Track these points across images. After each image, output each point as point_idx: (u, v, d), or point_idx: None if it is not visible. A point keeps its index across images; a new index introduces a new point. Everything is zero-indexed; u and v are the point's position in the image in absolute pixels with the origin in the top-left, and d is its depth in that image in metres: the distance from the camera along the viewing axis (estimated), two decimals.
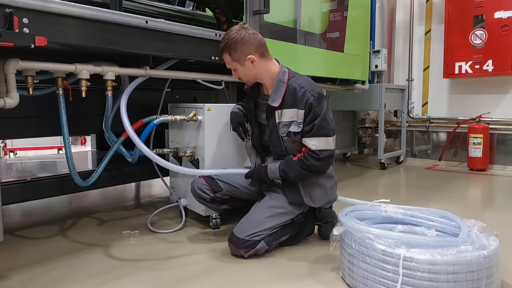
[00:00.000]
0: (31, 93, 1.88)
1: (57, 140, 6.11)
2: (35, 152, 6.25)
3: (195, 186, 2.25)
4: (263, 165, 2.11)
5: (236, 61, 2.03)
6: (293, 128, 2.00)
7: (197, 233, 2.40)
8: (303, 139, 2.00)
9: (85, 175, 2.32)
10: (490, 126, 4.62)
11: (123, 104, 2.13)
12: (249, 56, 2.01)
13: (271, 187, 2.16)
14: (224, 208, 2.33)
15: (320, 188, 2.09)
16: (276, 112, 2.04)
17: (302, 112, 1.98)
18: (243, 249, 1.96)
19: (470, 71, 4.69)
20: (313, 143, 1.96)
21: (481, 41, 4.59)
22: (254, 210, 2.09)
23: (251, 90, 2.24)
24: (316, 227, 2.29)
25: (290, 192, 2.07)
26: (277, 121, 2.05)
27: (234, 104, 2.42)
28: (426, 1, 5.23)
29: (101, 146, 3.66)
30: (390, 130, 5.46)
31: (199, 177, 2.26)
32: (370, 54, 4.24)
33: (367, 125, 5.47)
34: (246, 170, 2.14)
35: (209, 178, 2.23)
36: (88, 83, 2.05)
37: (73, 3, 1.78)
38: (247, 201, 2.29)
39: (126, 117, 2.11)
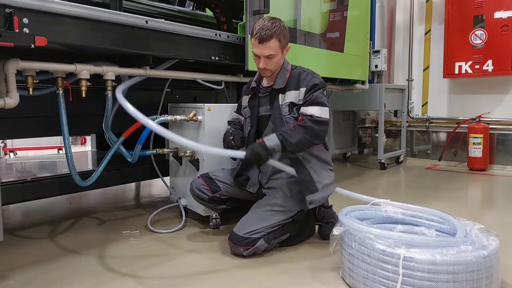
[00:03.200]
0: (31, 93, 1.88)
1: (57, 140, 6.11)
2: (35, 152, 6.26)
3: (193, 186, 2.27)
4: (257, 140, 2.02)
5: (281, 47, 2.06)
6: (295, 101, 2.09)
7: (197, 233, 2.40)
8: (302, 108, 2.06)
9: (85, 175, 2.32)
10: (490, 126, 4.62)
11: (120, 97, 1.98)
12: (289, 45, 2.12)
13: (270, 187, 2.16)
14: (222, 208, 2.34)
15: (324, 169, 2.15)
16: (280, 95, 2.12)
17: (304, 89, 2.08)
18: (242, 247, 1.96)
19: (470, 71, 4.68)
20: (311, 110, 2.03)
21: (481, 41, 4.59)
22: (253, 209, 2.11)
23: (255, 89, 2.24)
24: (317, 227, 2.29)
25: (299, 167, 2.03)
26: (280, 103, 2.12)
27: (234, 105, 2.40)
28: (426, 1, 5.23)
29: (101, 146, 3.66)
30: (390, 130, 5.45)
31: (198, 177, 2.29)
32: (370, 54, 4.24)
33: (367, 125, 5.47)
34: (243, 153, 1.98)
35: (207, 178, 2.26)
36: (88, 83, 2.05)
37: (73, 3, 1.79)
38: (245, 201, 2.30)
39: (129, 104, 1.94)
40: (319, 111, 2.02)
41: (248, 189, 2.21)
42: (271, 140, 1.96)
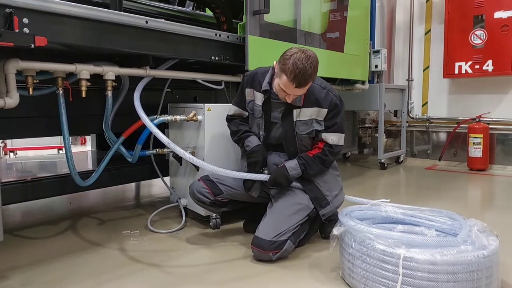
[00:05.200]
0: (31, 93, 1.88)
1: (57, 140, 6.11)
2: (35, 152, 6.26)
3: (194, 190, 2.22)
4: (280, 166, 2.08)
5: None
6: (317, 127, 2.09)
7: (197, 233, 2.40)
8: (323, 133, 2.09)
9: (85, 175, 2.32)
10: (490, 126, 4.62)
11: (136, 98, 2.18)
12: None
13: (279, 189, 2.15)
14: (223, 211, 2.32)
15: (332, 176, 2.19)
16: (294, 111, 2.08)
17: (325, 110, 2.07)
18: (271, 251, 1.91)
19: (470, 71, 4.68)
20: (332, 138, 2.09)
21: (481, 41, 4.59)
22: (274, 211, 2.06)
23: (267, 92, 2.13)
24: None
25: (308, 186, 2.12)
26: (294, 119, 2.09)
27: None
28: (426, 1, 5.23)
29: (101, 146, 3.66)
30: (390, 130, 5.45)
31: (198, 180, 2.26)
32: (370, 54, 4.24)
33: (367, 125, 5.47)
34: (266, 176, 2.08)
35: (208, 181, 2.22)
36: (88, 83, 2.05)
37: (73, 3, 1.79)
38: (247, 203, 2.29)
39: (142, 112, 2.13)
40: (337, 139, 2.11)
41: (251, 193, 2.18)
42: (293, 169, 2.06)
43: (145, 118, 2.12)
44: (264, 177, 2.08)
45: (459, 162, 4.93)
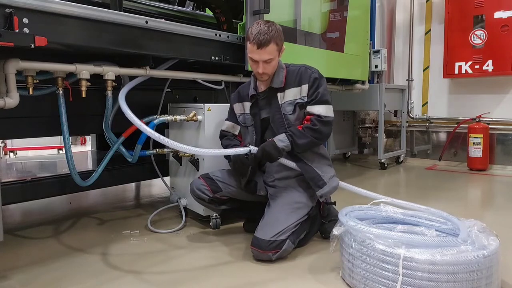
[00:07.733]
0: (31, 93, 1.88)
1: (57, 140, 6.11)
2: (35, 152, 6.26)
3: (194, 187, 2.25)
4: (268, 140, 2.07)
5: (278, 50, 2.05)
6: (299, 101, 2.10)
7: (197, 233, 2.40)
8: (308, 107, 2.09)
9: (85, 175, 2.32)
10: (490, 126, 4.62)
11: (122, 100, 2.09)
12: (284, 47, 2.10)
13: (279, 186, 2.17)
14: (222, 209, 2.33)
15: (324, 164, 2.18)
16: (278, 94, 2.12)
17: (306, 86, 2.09)
18: (271, 251, 1.91)
19: (470, 71, 4.69)
20: (318, 109, 2.07)
21: (481, 41, 4.59)
22: (272, 211, 2.07)
23: (254, 96, 2.19)
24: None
25: (304, 167, 2.11)
26: (280, 102, 2.12)
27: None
28: (426, 1, 5.23)
29: (101, 146, 3.66)
30: (390, 130, 5.46)
31: (198, 177, 2.28)
32: (370, 54, 4.24)
33: (367, 125, 5.47)
34: (252, 148, 2.07)
35: (208, 179, 2.24)
36: (88, 83, 2.05)
37: (73, 3, 1.79)
38: (245, 202, 2.30)
39: (129, 111, 2.03)
40: (325, 110, 2.07)
41: (259, 192, 2.19)
42: (281, 141, 2.03)
43: (130, 114, 2.01)
44: (252, 148, 2.07)
45: (459, 162, 4.94)
